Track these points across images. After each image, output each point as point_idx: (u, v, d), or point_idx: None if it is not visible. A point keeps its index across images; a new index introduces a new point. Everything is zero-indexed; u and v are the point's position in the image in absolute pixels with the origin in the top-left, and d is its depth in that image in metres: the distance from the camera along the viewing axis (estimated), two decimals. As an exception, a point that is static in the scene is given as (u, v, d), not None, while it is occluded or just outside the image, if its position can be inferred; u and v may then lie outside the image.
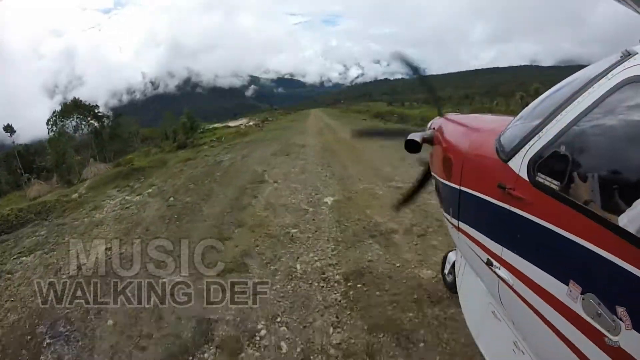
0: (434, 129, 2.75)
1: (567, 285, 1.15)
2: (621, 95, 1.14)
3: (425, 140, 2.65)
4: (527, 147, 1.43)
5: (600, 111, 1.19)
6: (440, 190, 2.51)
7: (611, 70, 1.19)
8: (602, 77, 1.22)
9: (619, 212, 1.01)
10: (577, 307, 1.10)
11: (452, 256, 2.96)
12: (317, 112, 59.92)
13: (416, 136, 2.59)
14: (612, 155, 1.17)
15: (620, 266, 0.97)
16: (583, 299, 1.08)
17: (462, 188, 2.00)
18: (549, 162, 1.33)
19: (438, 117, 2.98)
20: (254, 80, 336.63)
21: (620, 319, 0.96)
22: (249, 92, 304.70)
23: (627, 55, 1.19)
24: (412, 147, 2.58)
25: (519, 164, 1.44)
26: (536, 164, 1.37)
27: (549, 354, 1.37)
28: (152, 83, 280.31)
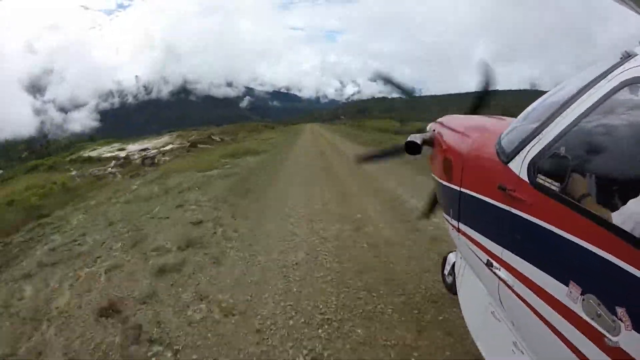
0: (434, 130, 2.77)
1: (567, 286, 1.16)
2: (621, 97, 1.17)
3: (426, 142, 2.67)
4: (527, 148, 1.47)
5: (600, 112, 1.23)
6: (441, 192, 2.53)
7: (611, 72, 1.23)
8: (602, 79, 1.25)
9: (619, 213, 1.04)
10: (577, 308, 1.12)
11: (452, 257, 2.97)
12: (315, 128, 44.77)
13: (416, 138, 2.61)
14: (612, 157, 1.19)
15: (620, 267, 0.99)
16: (583, 300, 1.10)
17: (463, 190, 2.03)
18: (550, 163, 1.36)
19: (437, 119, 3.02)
20: (249, 91, 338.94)
21: (620, 320, 0.98)
22: (244, 104, 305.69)
23: (627, 56, 1.22)
24: (413, 149, 2.59)
25: (520, 166, 1.47)
26: (536, 166, 1.40)
27: (548, 355, 1.38)
28: (145, 87, 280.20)
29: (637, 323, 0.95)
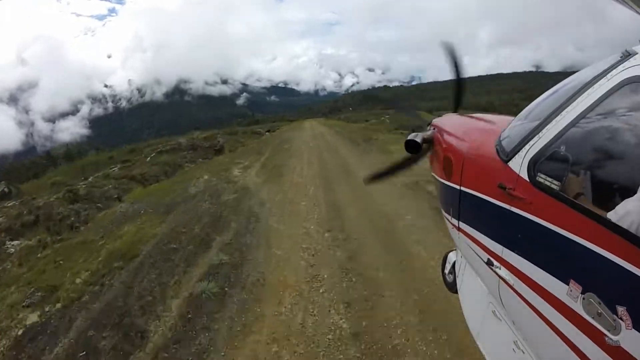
0: (434, 129, 2.81)
1: (568, 284, 1.18)
2: (621, 96, 1.20)
3: (426, 140, 2.71)
4: (527, 147, 1.50)
5: (600, 111, 1.26)
6: (441, 191, 2.57)
7: (611, 71, 1.25)
8: (602, 77, 1.27)
9: (619, 211, 1.07)
10: (578, 307, 1.14)
11: (452, 256, 3.03)
12: (319, 131, 28.02)
13: (416, 136, 2.64)
14: (612, 155, 1.23)
15: (620, 265, 1.01)
16: (583, 299, 1.12)
17: (463, 188, 2.07)
18: (550, 162, 1.39)
19: (439, 117, 3.06)
20: (245, 88, 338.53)
21: (621, 319, 1.00)
22: (241, 101, 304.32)
23: (627, 55, 1.24)
24: (412, 147, 2.63)
25: (520, 164, 1.50)
26: (536, 164, 1.43)
27: (549, 354, 1.41)
28: (139, 90, 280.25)
29: (637, 322, 0.96)
